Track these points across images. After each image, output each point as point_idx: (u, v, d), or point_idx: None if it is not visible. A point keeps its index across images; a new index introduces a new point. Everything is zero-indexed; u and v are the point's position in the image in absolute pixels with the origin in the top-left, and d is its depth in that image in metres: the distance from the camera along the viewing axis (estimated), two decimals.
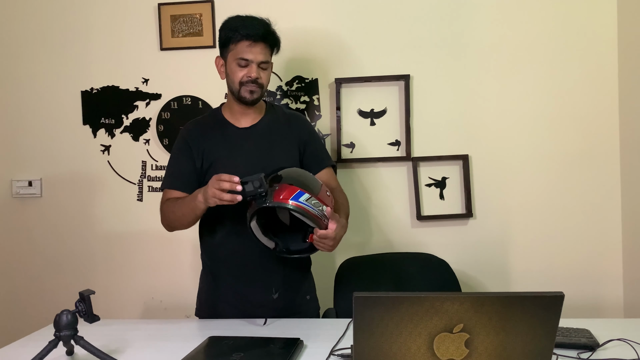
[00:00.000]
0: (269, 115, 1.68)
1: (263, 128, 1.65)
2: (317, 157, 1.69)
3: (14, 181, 2.34)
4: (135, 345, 1.37)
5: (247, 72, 1.55)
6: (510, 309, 0.92)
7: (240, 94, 1.58)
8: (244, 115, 1.65)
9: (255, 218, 1.44)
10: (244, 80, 1.55)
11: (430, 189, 2.24)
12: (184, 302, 2.28)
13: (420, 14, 2.21)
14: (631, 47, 2.10)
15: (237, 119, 1.65)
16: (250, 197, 1.38)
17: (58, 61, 2.32)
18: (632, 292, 2.14)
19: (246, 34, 1.53)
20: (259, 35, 1.53)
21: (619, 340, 1.28)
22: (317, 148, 1.72)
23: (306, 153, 1.68)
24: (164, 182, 1.66)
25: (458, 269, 2.03)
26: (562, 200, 2.20)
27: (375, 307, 0.92)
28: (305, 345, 1.32)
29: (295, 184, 1.42)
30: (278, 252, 1.51)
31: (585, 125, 2.19)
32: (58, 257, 2.35)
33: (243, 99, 1.58)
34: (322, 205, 1.43)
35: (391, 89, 2.24)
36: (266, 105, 1.70)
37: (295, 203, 1.38)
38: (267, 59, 1.57)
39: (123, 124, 2.32)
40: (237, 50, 1.55)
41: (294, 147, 1.66)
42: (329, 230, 1.42)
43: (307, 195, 1.40)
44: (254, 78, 1.55)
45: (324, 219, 1.42)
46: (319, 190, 1.46)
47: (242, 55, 1.54)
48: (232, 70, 1.57)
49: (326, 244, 1.43)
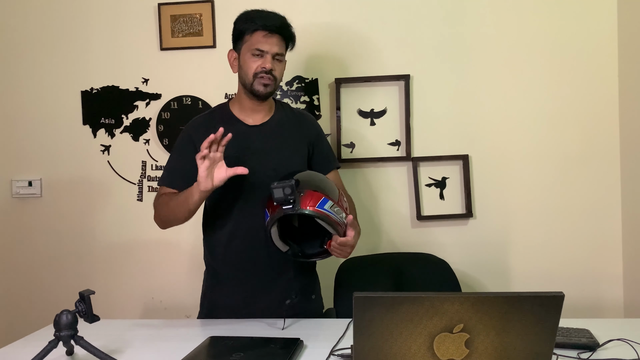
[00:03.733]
0: (280, 113, 1.65)
1: (274, 126, 1.61)
2: (325, 159, 1.68)
3: (14, 181, 2.34)
4: (135, 345, 1.37)
5: (262, 62, 1.51)
6: (510, 309, 0.92)
7: (253, 86, 1.53)
8: (255, 112, 1.60)
9: (277, 223, 1.41)
10: (258, 71, 1.52)
11: (430, 189, 2.24)
12: (184, 302, 2.29)
13: (421, 14, 2.21)
14: (631, 47, 2.10)
15: (247, 116, 1.60)
16: (277, 203, 1.36)
17: (58, 61, 2.32)
18: (632, 292, 2.14)
19: (263, 24, 1.51)
20: (275, 26, 1.52)
21: (619, 340, 1.28)
22: (325, 150, 1.70)
23: (314, 154, 1.66)
24: (162, 178, 1.61)
25: (458, 269, 2.03)
26: (562, 200, 2.20)
27: (375, 307, 0.92)
28: (305, 345, 1.32)
29: (319, 190, 1.40)
30: (292, 255, 1.49)
31: (585, 125, 2.19)
32: (58, 257, 2.35)
33: (256, 92, 1.54)
34: (343, 212, 1.42)
35: (391, 89, 2.24)
36: (276, 103, 1.67)
37: (321, 211, 1.37)
38: (282, 51, 1.55)
39: (123, 124, 2.32)
40: (252, 41, 1.53)
41: (304, 147, 1.64)
42: (348, 238, 1.41)
43: (331, 202, 1.39)
44: (269, 69, 1.51)
45: (343, 225, 1.41)
46: (338, 196, 1.45)
47: (257, 45, 1.52)
48: (246, 61, 1.54)
49: (344, 251, 1.42)
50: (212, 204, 1.61)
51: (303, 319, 1.56)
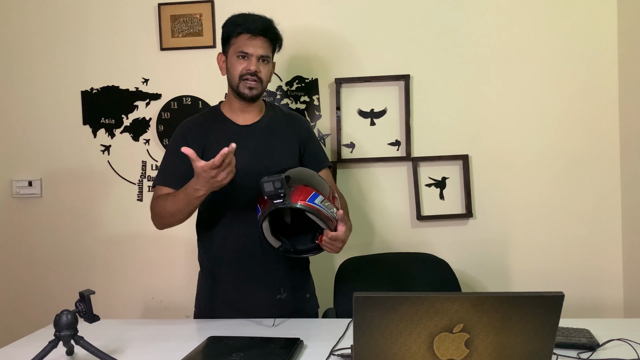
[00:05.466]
0: (270, 114, 1.68)
1: (264, 126, 1.64)
2: (316, 158, 1.70)
3: (14, 181, 2.34)
4: (135, 345, 1.37)
5: (247, 65, 1.55)
6: (510, 309, 0.92)
7: (239, 89, 1.57)
8: (244, 113, 1.64)
9: (268, 218, 1.42)
10: (243, 73, 1.55)
11: (430, 189, 2.24)
12: (184, 302, 2.28)
13: (421, 14, 2.21)
14: (631, 47, 2.10)
15: (237, 116, 1.64)
16: (268, 197, 1.37)
17: (58, 61, 2.32)
18: (632, 292, 2.14)
19: (246, 27, 1.54)
20: (258, 29, 1.55)
21: (619, 340, 1.28)
22: (316, 149, 1.72)
23: (306, 153, 1.68)
24: (157, 178, 1.61)
25: (458, 269, 2.03)
26: (562, 200, 2.20)
27: (375, 307, 0.92)
28: (305, 345, 1.32)
29: (309, 185, 1.41)
30: (283, 251, 1.50)
31: (585, 126, 2.19)
32: (58, 257, 2.35)
33: (242, 94, 1.57)
34: (334, 207, 1.43)
35: (391, 89, 2.24)
36: (266, 105, 1.70)
37: (312, 205, 1.38)
38: (267, 53, 1.57)
39: (123, 124, 2.32)
40: (237, 44, 1.56)
41: (295, 146, 1.66)
42: (339, 232, 1.42)
43: (322, 197, 1.40)
44: (253, 71, 1.55)
45: (334, 221, 1.42)
46: (329, 192, 1.46)
47: (242, 48, 1.55)
48: (232, 64, 1.58)
49: (335, 246, 1.43)
50: (205, 203, 1.61)
51: (303, 319, 1.57)
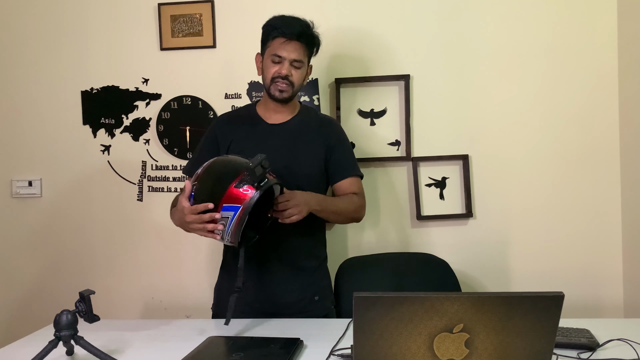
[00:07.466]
0: (301, 115, 1.72)
1: (292, 127, 1.68)
2: (340, 166, 1.70)
3: (14, 181, 2.34)
4: (135, 345, 1.37)
5: (279, 68, 1.59)
6: (510, 309, 0.92)
7: (270, 90, 1.62)
8: (277, 113, 1.69)
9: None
10: (275, 76, 1.59)
11: (430, 189, 2.24)
12: (184, 302, 2.28)
13: (421, 14, 2.21)
14: (631, 47, 2.10)
15: (270, 116, 1.69)
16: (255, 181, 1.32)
17: (58, 61, 2.32)
18: (632, 292, 2.14)
19: (282, 31, 1.58)
20: (293, 33, 1.57)
21: (619, 340, 1.28)
22: (342, 156, 1.71)
23: (331, 160, 1.69)
24: (185, 167, 1.76)
25: (458, 269, 2.03)
26: (562, 200, 2.20)
27: (375, 307, 0.92)
28: (305, 345, 1.32)
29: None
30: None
31: (585, 126, 2.19)
32: (58, 257, 2.35)
33: (272, 96, 1.63)
34: None
35: (391, 89, 2.24)
36: (300, 106, 1.74)
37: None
38: (300, 57, 1.60)
39: (123, 124, 2.32)
40: (272, 47, 1.60)
41: (321, 151, 1.68)
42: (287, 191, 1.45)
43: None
44: (284, 75, 1.58)
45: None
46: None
47: (276, 51, 1.59)
48: (267, 66, 1.62)
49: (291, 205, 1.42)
50: None
51: (303, 319, 1.56)
